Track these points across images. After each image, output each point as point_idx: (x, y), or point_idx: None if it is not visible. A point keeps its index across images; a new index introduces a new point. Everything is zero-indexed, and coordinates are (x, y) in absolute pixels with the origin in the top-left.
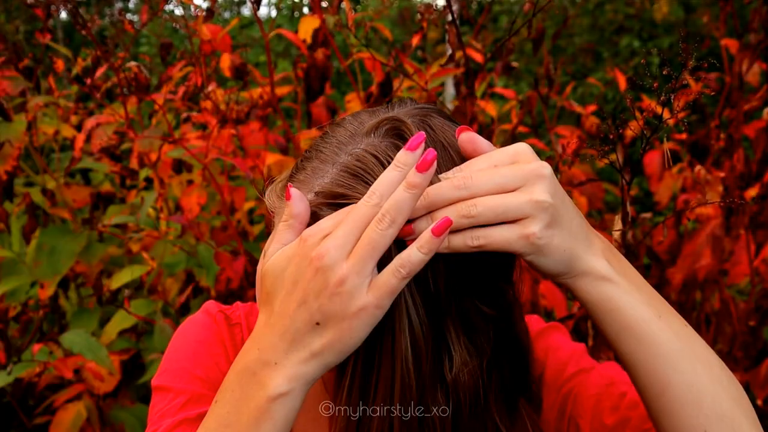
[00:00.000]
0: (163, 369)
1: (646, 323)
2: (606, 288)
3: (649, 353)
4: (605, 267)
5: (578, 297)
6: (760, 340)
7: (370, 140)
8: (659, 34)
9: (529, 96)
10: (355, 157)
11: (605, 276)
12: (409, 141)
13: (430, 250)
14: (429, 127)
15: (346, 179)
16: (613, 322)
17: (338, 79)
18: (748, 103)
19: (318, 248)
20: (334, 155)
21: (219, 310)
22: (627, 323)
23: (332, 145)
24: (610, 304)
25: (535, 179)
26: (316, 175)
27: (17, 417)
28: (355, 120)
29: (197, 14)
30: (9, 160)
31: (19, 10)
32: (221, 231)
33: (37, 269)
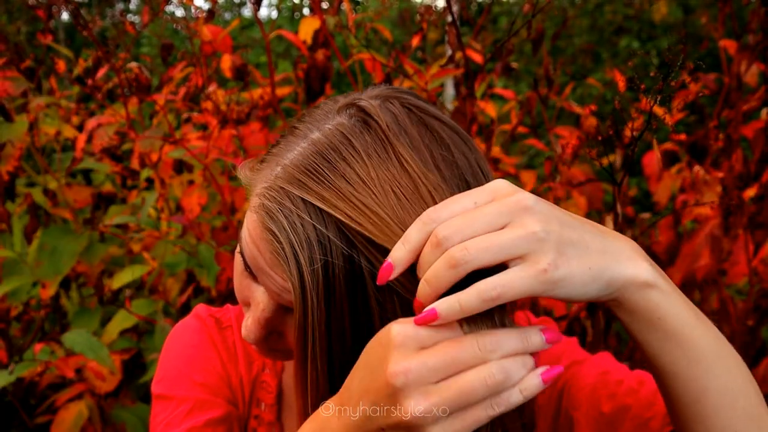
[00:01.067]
0: (162, 376)
1: (689, 329)
2: (652, 295)
3: (690, 360)
4: (646, 271)
5: (622, 313)
6: (759, 339)
7: (339, 119)
8: (658, 35)
9: (529, 96)
10: (324, 133)
11: (648, 282)
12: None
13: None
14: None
15: (313, 154)
16: (658, 332)
17: (338, 80)
18: (747, 103)
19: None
20: (307, 131)
21: (209, 314)
22: (673, 331)
23: (306, 124)
24: (657, 312)
25: (521, 212)
26: (287, 149)
27: (19, 416)
28: (330, 101)
29: (198, 15)
30: (11, 161)
31: (21, 11)
32: (222, 231)
33: (38, 269)
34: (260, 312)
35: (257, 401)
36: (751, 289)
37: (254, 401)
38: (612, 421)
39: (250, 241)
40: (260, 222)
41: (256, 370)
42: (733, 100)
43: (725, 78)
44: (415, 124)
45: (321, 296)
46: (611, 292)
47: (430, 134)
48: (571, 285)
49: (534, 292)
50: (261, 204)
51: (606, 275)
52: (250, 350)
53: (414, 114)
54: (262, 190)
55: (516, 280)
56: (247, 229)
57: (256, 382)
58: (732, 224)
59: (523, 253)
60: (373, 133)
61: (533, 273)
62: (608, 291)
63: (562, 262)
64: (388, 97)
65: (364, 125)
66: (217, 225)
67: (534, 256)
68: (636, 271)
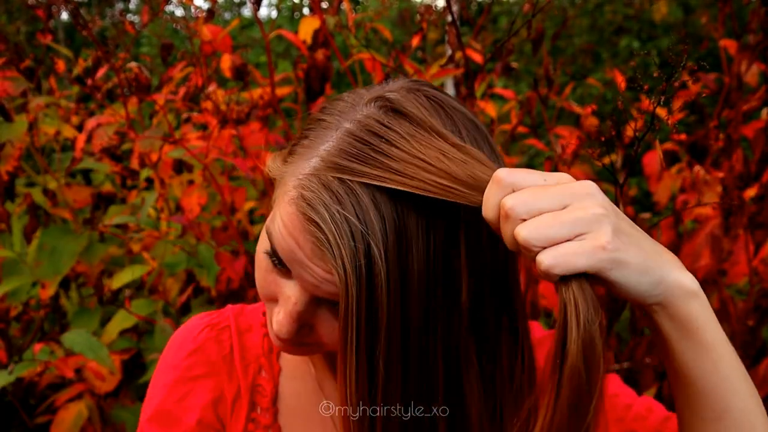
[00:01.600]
0: (150, 399)
1: (722, 345)
2: (696, 305)
3: (720, 376)
4: (693, 281)
5: (663, 318)
6: (759, 339)
7: (369, 110)
8: (658, 35)
9: (529, 96)
10: (358, 122)
11: (695, 291)
12: None
13: None
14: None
15: (352, 140)
16: (695, 341)
17: (338, 80)
18: (747, 103)
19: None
20: (338, 122)
21: (205, 324)
22: (708, 344)
23: (334, 116)
24: (698, 322)
25: (584, 196)
26: (321, 139)
27: (18, 416)
28: (352, 94)
29: (198, 15)
30: (10, 161)
31: (21, 11)
32: (222, 231)
33: (38, 269)
34: (292, 306)
35: (253, 405)
36: (752, 289)
37: (250, 405)
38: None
39: (286, 233)
40: (300, 213)
41: (252, 373)
42: (734, 100)
43: (725, 78)
44: (438, 115)
45: (364, 286)
46: (658, 294)
47: (452, 125)
48: (628, 270)
49: (592, 266)
50: (300, 195)
51: (658, 273)
52: (248, 352)
53: (438, 105)
54: (299, 181)
55: (577, 250)
56: (281, 222)
57: (253, 386)
58: (732, 224)
59: (583, 232)
60: (409, 119)
61: (592, 248)
62: (656, 291)
63: (620, 244)
64: (412, 89)
65: (397, 113)
66: (216, 225)
67: (594, 234)
68: (685, 279)
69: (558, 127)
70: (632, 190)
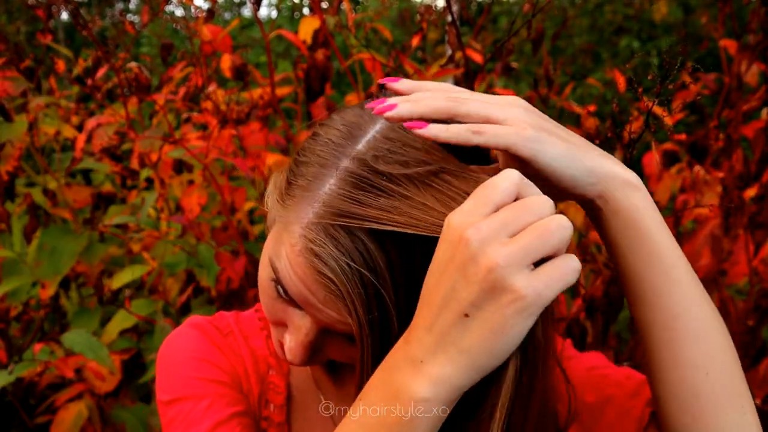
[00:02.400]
0: (166, 384)
1: (671, 248)
2: (638, 198)
3: (669, 279)
4: (631, 173)
5: (607, 213)
6: (759, 339)
7: (368, 143)
8: (658, 35)
9: (529, 96)
10: (357, 162)
11: (634, 182)
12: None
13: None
14: None
15: (354, 185)
16: (642, 241)
17: (338, 80)
18: (747, 103)
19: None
20: (335, 159)
21: (208, 323)
22: (656, 243)
23: (330, 148)
24: (644, 221)
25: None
26: (319, 180)
27: (18, 416)
28: (343, 123)
29: (198, 15)
30: (10, 161)
31: (21, 11)
32: (222, 231)
33: (38, 269)
34: (303, 336)
35: (266, 402)
36: (752, 289)
37: (262, 402)
38: (593, 410)
39: (297, 280)
40: (310, 266)
41: (262, 371)
42: (734, 100)
43: (725, 78)
44: None
45: (377, 329)
46: (595, 183)
47: None
48: (554, 151)
49: (514, 144)
50: (308, 248)
51: (587, 162)
52: (256, 352)
53: None
54: (303, 231)
55: (500, 129)
56: (291, 268)
57: (264, 383)
58: (732, 224)
59: (506, 117)
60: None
61: (513, 130)
62: (592, 181)
63: (542, 131)
64: None
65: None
66: (216, 225)
67: (516, 121)
68: (619, 169)
69: None
70: None
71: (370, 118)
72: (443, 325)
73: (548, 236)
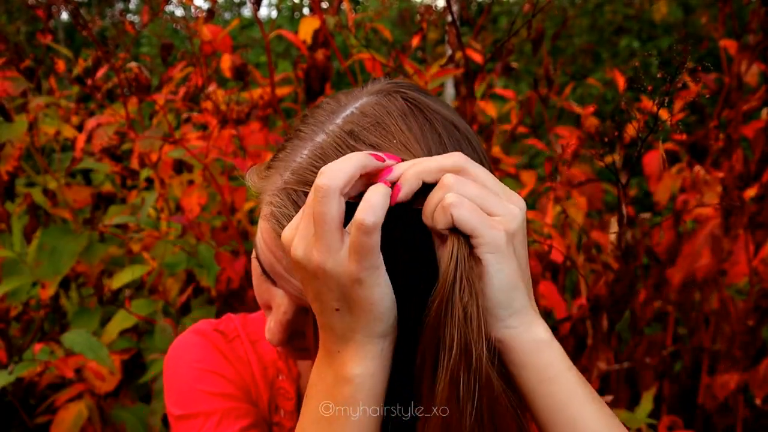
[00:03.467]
0: (176, 397)
1: (571, 397)
2: (548, 353)
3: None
4: (546, 329)
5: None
6: (759, 339)
7: (341, 121)
8: (658, 35)
9: (529, 96)
10: (328, 136)
11: (547, 339)
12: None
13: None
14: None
15: (320, 158)
16: (549, 398)
17: (338, 80)
18: (747, 103)
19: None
20: (312, 134)
21: (213, 329)
22: (563, 403)
23: (310, 126)
24: (549, 371)
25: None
26: (294, 153)
27: (18, 416)
28: (332, 101)
29: (198, 15)
30: (10, 161)
31: (21, 11)
32: (222, 231)
33: (38, 269)
34: (282, 314)
35: (276, 408)
36: (752, 289)
37: (273, 408)
38: None
39: (265, 248)
40: (273, 230)
41: (271, 376)
42: (734, 100)
43: (725, 78)
44: (416, 119)
45: None
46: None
47: (430, 129)
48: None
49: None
50: (271, 212)
51: (520, 295)
52: (263, 357)
53: (416, 108)
54: (271, 197)
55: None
56: (261, 236)
57: (273, 388)
58: (732, 224)
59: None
60: (375, 132)
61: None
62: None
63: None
64: (390, 92)
65: (367, 125)
66: (216, 225)
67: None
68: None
69: (558, 127)
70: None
71: (355, 97)
72: (330, 320)
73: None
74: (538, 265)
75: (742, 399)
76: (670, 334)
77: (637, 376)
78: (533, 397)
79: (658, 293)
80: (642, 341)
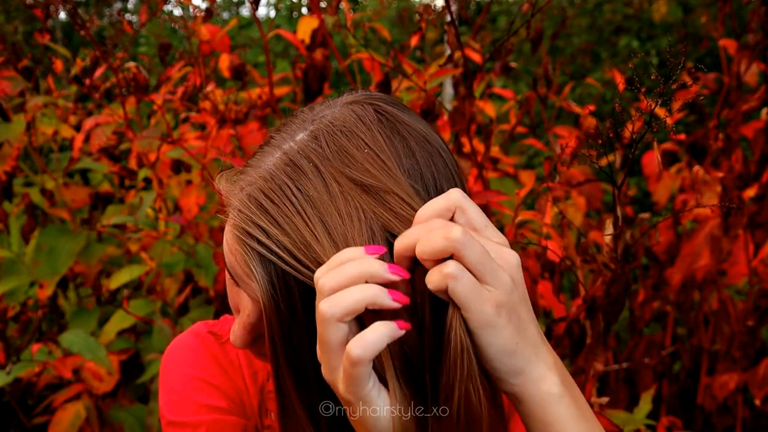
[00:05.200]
0: (166, 400)
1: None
2: (556, 408)
3: None
4: (557, 383)
5: (522, 404)
6: (759, 340)
7: (303, 135)
8: (658, 35)
9: (528, 96)
10: (291, 148)
11: (556, 393)
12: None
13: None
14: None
15: (276, 173)
16: None
17: (337, 80)
18: (747, 103)
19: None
20: (282, 141)
21: (207, 331)
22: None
23: (282, 133)
24: (555, 426)
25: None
26: (261, 161)
27: (16, 416)
28: (307, 109)
29: (196, 15)
30: (8, 160)
31: (18, 11)
32: (220, 231)
33: (36, 269)
34: (246, 317)
35: (266, 411)
36: (751, 290)
37: (263, 411)
38: None
39: (227, 250)
40: (234, 235)
41: (261, 380)
42: (733, 100)
43: (725, 78)
44: (386, 130)
45: (274, 310)
46: (517, 385)
47: (401, 141)
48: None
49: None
50: (235, 214)
51: (522, 357)
52: (254, 361)
53: (387, 121)
54: (236, 203)
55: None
56: (226, 241)
57: (263, 392)
58: (732, 224)
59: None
60: (343, 138)
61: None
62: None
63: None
64: (363, 103)
65: (329, 138)
66: (215, 225)
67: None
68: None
69: (557, 127)
70: (631, 190)
71: (328, 106)
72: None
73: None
74: (537, 265)
75: (741, 399)
76: (670, 334)
77: (636, 377)
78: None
79: (658, 293)
80: (641, 341)
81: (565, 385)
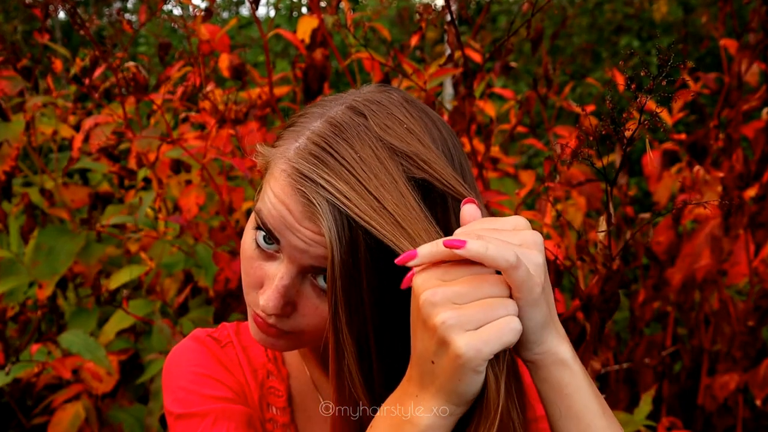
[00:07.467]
0: (175, 398)
1: (593, 415)
2: (569, 372)
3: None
4: (568, 350)
5: (540, 370)
6: (759, 340)
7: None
8: (658, 34)
9: (528, 96)
10: (342, 109)
11: (569, 359)
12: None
13: None
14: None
15: (332, 126)
16: (566, 410)
17: (337, 79)
18: (747, 103)
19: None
20: (325, 110)
21: (207, 335)
22: (578, 416)
23: (319, 105)
24: (568, 389)
25: (532, 245)
26: (309, 123)
27: (16, 417)
28: (337, 93)
29: (196, 14)
30: (7, 160)
31: (18, 10)
32: (220, 231)
33: (35, 269)
34: (279, 280)
35: (267, 405)
36: (752, 290)
37: (264, 405)
38: None
39: (277, 202)
40: (290, 180)
41: (261, 378)
42: (734, 100)
43: (725, 77)
44: (414, 108)
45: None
46: (537, 353)
47: (428, 119)
48: (535, 319)
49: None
50: (290, 166)
51: (547, 327)
52: (253, 361)
53: (412, 101)
54: (288, 155)
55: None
56: (272, 193)
57: (264, 388)
58: (732, 224)
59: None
60: (380, 113)
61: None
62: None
63: (544, 294)
64: (387, 90)
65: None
66: (214, 225)
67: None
68: (562, 346)
69: (557, 127)
70: (632, 190)
71: (357, 90)
72: (421, 366)
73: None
74: None
75: (742, 400)
76: (670, 334)
77: (637, 377)
78: (553, 409)
79: (658, 294)
80: (641, 342)
81: (573, 352)
